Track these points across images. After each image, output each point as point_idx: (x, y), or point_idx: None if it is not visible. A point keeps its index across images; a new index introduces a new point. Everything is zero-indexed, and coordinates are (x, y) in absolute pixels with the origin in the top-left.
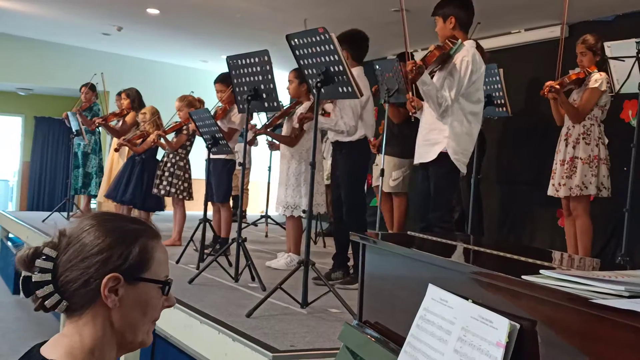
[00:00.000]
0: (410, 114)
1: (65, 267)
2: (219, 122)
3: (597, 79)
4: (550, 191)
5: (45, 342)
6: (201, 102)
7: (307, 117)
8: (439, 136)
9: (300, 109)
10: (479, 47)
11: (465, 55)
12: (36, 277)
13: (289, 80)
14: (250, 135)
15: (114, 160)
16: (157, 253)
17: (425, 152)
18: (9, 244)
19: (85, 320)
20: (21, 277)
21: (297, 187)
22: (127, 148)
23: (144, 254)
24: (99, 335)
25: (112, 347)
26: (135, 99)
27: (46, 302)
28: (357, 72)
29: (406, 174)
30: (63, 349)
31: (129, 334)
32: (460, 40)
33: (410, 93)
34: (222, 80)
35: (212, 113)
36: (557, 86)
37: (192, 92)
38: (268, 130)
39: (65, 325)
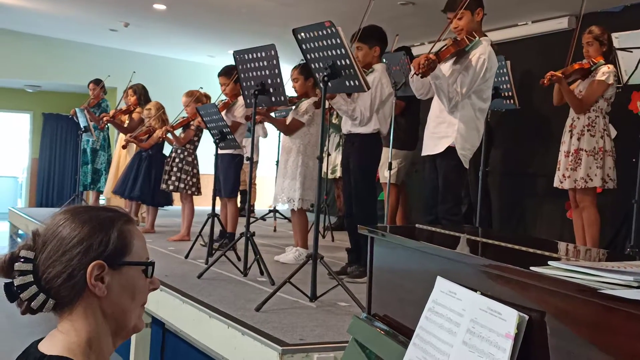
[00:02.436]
0: (413, 72)
1: (47, 265)
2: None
3: (605, 71)
4: (556, 182)
5: (42, 338)
6: (208, 97)
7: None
8: (448, 130)
9: (307, 102)
10: (490, 44)
11: (483, 52)
12: (17, 280)
13: (293, 79)
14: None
15: (121, 156)
16: (135, 237)
17: (433, 145)
18: (19, 240)
19: (77, 314)
20: (3, 284)
21: (293, 180)
22: (134, 144)
23: (123, 239)
24: (92, 326)
25: (107, 336)
26: (141, 95)
27: (32, 303)
28: (381, 68)
29: (402, 166)
30: (61, 345)
31: (122, 320)
32: (477, 37)
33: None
34: (225, 73)
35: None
36: (560, 74)
37: (201, 87)
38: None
39: (59, 322)
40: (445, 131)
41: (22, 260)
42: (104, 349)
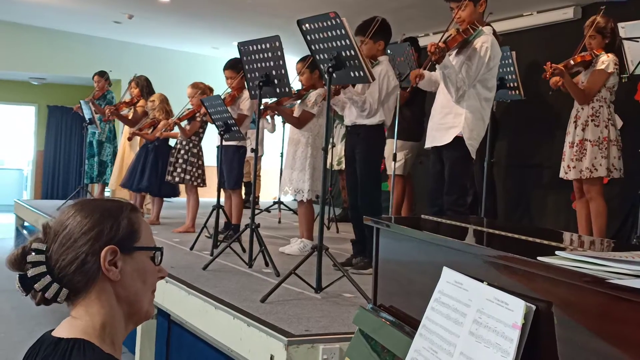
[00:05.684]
0: (411, 84)
1: (59, 253)
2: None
3: (604, 60)
4: (562, 173)
5: (53, 330)
6: (211, 89)
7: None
8: (455, 120)
9: (315, 93)
10: (494, 33)
11: (485, 41)
12: (31, 272)
13: (299, 73)
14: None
15: (125, 149)
16: (142, 225)
17: (440, 136)
18: (25, 232)
19: (91, 300)
20: (17, 277)
21: (302, 171)
22: (138, 137)
23: (132, 225)
24: (107, 310)
25: (121, 320)
26: (144, 87)
27: (46, 293)
28: (386, 60)
29: (408, 157)
30: (76, 329)
31: (134, 304)
32: (480, 27)
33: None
34: (232, 66)
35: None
36: (561, 67)
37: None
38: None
39: (72, 309)
40: (452, 121)
41: (34, 252)
42: (118, 333)
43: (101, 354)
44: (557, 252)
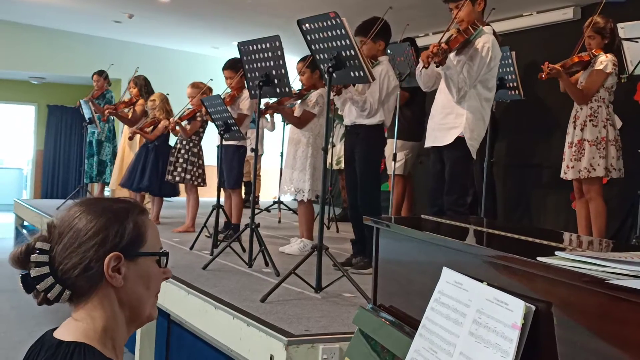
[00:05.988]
0: (422, 65)
1: (63, 256)
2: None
3: (602, 60)
4: (562, 173)
5: (56, 328)
6: (210, 90)
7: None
8: (456, 120)
9: (316, 93)
10: (494, 33)
11: (487, 41)
12: (34, 272)
13: (299, 73)
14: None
15: (125, 149)
16: (149, 228)
17: (441, 136)
18: (24, 231)
19: (94, 303)
20: (20, 276)
21: (302, 171)
22: (138, 137)
23: (138, 230)
24: (109, 315)
25: (122, 324)
26: (142, 87)
27: (49, 294)
28: (386, 60)
29: (409, 157)
30: (78, 332)
31: (137, 309)
32: (481, 27)
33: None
34: (231, 66)
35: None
36: (558, 67)
37: (211, 79)
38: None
39: (74, 310)
40: (453, 122)
41: (37, 251)
42: (119, 337)
43: (102, 358)
44: (556, 253)
